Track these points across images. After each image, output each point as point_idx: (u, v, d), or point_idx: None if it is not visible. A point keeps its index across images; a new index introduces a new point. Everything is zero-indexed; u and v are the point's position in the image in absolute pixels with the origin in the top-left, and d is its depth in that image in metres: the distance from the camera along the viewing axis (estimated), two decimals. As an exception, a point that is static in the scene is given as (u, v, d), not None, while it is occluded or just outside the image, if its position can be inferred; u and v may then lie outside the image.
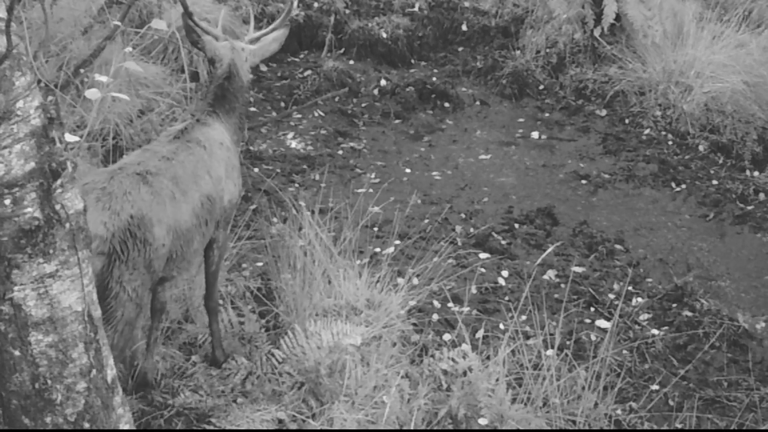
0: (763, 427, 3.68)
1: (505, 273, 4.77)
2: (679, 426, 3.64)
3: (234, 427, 3.22)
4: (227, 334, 3.82)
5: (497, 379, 3.46)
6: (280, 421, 3.28)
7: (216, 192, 3.33)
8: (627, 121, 6.68)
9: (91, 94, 2.45)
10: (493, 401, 3.37)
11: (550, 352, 3.67)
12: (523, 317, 4.19)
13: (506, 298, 4.54)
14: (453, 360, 3.58)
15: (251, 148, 6.05)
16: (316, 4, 7.75)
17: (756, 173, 5.97)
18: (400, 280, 4.16)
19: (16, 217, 2.27)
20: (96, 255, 2.75)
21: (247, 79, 3.65)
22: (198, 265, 3.70)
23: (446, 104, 7.01)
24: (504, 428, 3.34)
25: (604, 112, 6.85)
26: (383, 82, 7.16)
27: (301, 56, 7.57)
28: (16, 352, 2.38)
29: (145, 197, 2.96)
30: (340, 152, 6.23)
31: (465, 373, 3.52)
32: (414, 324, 4.08)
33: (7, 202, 2.25)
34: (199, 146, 3.33)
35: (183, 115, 5.54)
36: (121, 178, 2.97)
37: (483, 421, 3.33)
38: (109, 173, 3.02)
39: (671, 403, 3.82)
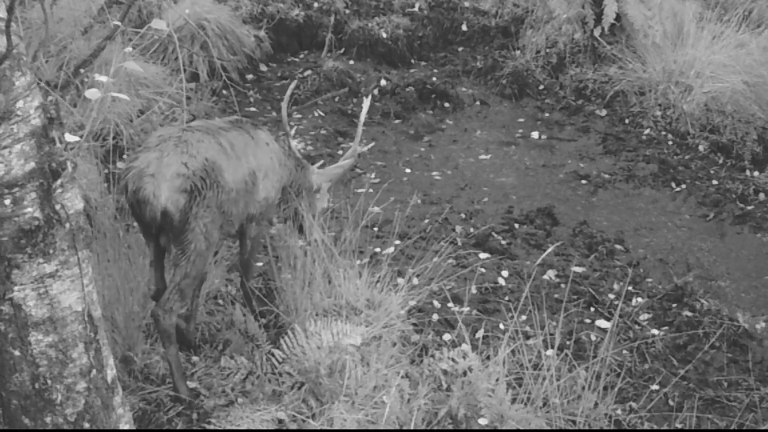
0: (763, 427, 3.68)
1: (505, 273, 4.77)
2: (679, 426, 3.64)
3: (234, 427, 3.21)
4: (228, 333, 3.82)
5: (497, 379, 3.46)
6: (280, 421, 3.27)
7: (255, 175, 3.57)
8: (627, 121, 6.69)
9: (91, 94, 2.44)
10: (493, 401, 3.36)
11: (550, 352, 3.67)
12: (523, 317, 4.19)
13: (506, 298, 4.54)
14: (453, 360, 3.58)
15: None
16: (316, 4, 7.75)
17: (756, 173, 5.97)
18: (400, 280, 4.15)
19: (16, 217, 2.27)
20: (180, 192, 3.12)
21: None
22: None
23: (446, 104, 7.01)
24: (504, 428, 3.34)
25: (604, 112, 6.85)
26: (383, 82, 7.16)
27: (301, 56, 7.57)
28: (16, 352, 2.38)
29: (215, 146, 3.32)
30: (340, 152, 6.22)
31: (465, 373, 3.51)
32: (414, 324, 4.08)
33: (7, 202, 2.25)
34: (247, 133, 3.66)
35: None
36: (192, 131, 3.32)
37: (483, 421, 3.33)
38: (179, 128, 3.38)
39: (671, 403, 3.82)
